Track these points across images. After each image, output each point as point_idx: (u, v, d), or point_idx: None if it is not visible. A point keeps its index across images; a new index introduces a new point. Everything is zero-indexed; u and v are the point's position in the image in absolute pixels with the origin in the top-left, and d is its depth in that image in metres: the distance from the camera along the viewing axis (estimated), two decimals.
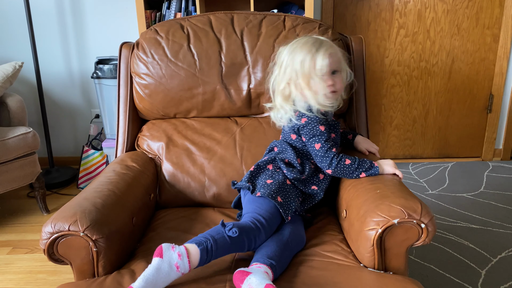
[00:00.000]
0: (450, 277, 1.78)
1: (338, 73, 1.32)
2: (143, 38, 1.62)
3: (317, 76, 1.29)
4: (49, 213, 2.45)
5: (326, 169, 1.33)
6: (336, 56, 1.32)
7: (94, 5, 2.79)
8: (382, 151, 3.07)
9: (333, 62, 1.30)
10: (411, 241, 1.12)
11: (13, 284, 1.84)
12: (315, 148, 1.32)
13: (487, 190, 2.57)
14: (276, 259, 1.11)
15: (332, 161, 1.30)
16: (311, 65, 1.29)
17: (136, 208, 1.33)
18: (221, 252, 1.10)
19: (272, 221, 1.21)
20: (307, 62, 1.29)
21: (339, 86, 1.32)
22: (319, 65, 1.28)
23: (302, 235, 1.27)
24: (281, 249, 1.15)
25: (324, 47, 1.30)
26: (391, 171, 1.31)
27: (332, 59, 1.29)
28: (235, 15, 1.65)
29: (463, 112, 2.99)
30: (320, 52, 1.29)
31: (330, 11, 2.78)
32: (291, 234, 1.22)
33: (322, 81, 1.29)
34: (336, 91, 1.32)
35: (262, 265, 1.08)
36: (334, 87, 1.31)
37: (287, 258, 1.17)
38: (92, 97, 2.96)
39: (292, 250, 1.20)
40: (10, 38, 2.85)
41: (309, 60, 1.29)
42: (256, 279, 1.01)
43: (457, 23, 2.80)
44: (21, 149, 2.23)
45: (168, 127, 1.64)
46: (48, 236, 1.10)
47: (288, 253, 1.18)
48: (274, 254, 1.13)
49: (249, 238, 1.14)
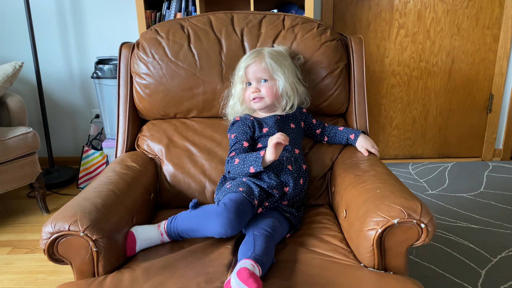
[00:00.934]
0: (450, 277, 1.78)
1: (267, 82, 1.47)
2: (144, 38, 1.62)
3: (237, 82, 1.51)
4: (49, 213, 2.45)
5: (226, 172, 1.42)
6: (259, 66, 1.47)
7: (94, 5, 2.79)
8: (382, 151, 3.07)
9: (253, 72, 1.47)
10: (411, 241, 1.12)
11: (13, 284, 1.85)
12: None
13: (487, 190, 2.57)
14: (260, 253, 1.11)
15: (227, 164, 1.41)
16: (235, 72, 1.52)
17: (136, 208, 1.33)
18: (184, 222, 1.24)
19: (239, 203, 1.21)
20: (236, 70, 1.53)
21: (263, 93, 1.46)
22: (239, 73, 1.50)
23: (282, 228, 1.29)
24: (265, 243, 1.15)
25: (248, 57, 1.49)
26: (270, 158, 1.28)
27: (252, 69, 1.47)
28: (235, 15, 1.65)
29: (463, 112, 2.99)
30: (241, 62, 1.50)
31: (330, 11, 2.78)
32: (272, 227, 1.23)
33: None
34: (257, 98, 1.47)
35: (247, 260, 1.07)
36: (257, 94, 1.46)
37: (271, 249, 1.17)
38: (92, 97, 2.96)
39: (275, 241, 1.22)
40: (10, 38, 2.85)
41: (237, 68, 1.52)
42: (233, 275, 1.02)
43: (457, 23, 2.80)
44: (21, 149, 2.23)
45: (168, 128, 1.64)
46: (48, 236, 1.10)
47: (272, 244, 1.19)
48: (258, 249, 1.12)
49: (210, 214, 1.19)
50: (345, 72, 1.64)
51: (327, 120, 1.65)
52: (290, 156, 1.40)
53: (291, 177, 1.37)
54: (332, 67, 1.59)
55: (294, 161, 1.41)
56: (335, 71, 1.60)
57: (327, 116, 1.67)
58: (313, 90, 1.60)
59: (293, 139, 1.46)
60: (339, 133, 1.56)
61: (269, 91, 1.46)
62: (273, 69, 1.46)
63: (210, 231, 1.19)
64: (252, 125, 1.46)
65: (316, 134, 1.58)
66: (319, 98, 1.61)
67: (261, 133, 1.45)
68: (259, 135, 1.45)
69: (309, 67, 1.59)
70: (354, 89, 1.65)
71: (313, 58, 1.58)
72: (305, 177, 1.44)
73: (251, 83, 1.48)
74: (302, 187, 1.42)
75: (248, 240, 1.17)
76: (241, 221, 1.19)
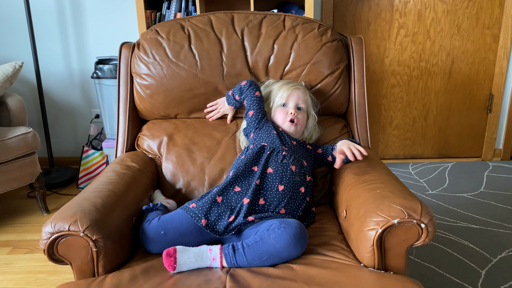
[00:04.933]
0: (450, 277, 1.78)
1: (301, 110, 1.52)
2: (144, 39, 1.62)
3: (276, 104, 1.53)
4: (49, 213, 2.45)
5: None
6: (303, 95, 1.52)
7: (94, 5, 2.79)
8: (382, 151, 3.08)
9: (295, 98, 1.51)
10: (411, 241, 1.12)
11: (13, 284, 1.85)
12: None
13: (487, 190, 2.57)
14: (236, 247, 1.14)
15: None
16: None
17: (136, 208, 1.33)
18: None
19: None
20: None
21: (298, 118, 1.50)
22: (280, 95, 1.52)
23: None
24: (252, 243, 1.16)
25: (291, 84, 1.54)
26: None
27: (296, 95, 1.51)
28: (235, 15, 1.65)
29: (463, 112, 2.99)
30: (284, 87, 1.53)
31: (330, 11, 2.78)
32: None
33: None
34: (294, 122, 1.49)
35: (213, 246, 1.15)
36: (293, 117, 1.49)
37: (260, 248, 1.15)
38: (92, 97, 2.96)
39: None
40: (10, 38, 2.85)
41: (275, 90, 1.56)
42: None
43: (457, 23, 2.80)
44: (21, 149, 2.23)
45: (168, 127, 1.64)
46: (48, 236, 1.10)
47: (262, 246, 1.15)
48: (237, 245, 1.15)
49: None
50: (346, 73, 1.64)
51: (327, 120, 1.65)
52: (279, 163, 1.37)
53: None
54: (332, 68, 1.59)
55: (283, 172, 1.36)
56: (335, 71, 1.60)
57: (327, 116, 1.67)
58: (313, 90, 1.60)
59: (292, 152, 1.41)
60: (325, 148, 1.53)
61: (302, 120, 1.51)
62: (312, 104, 1.55)
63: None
64: (264, 120, 1.51)
65: (328, 161, 1.51)
66: (319, 98, 1.61)
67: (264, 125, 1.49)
68: (260, 126, 1.48)
69: (309, 68, 1.59)
70: (354, 89, 1.65)
71: (314, 59, 1.58)
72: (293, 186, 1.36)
73: (286, 105, 1.51)
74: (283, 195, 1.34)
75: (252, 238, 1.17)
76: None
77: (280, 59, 1.60)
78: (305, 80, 1.60)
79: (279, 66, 1.61)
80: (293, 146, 1.45)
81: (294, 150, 1.43)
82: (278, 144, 1.41)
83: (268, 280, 1.08)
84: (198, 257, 1.14)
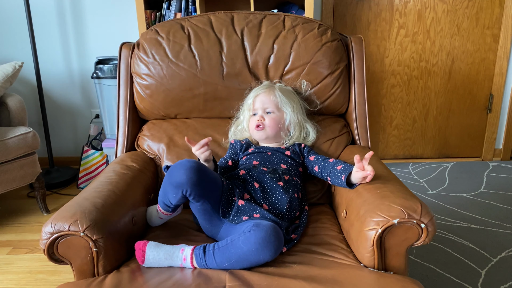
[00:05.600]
0: (450, 277, 1.78)
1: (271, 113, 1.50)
2: (144, 39, 1.62)
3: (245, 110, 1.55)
4: (49, 213, 2.45)
5: None
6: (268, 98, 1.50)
7: (94, 5, 2.79)
8: (382, 151, 3.08)
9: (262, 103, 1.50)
10: (411, 241, 1.12)
11: (13, 284, 1.85)
12: None
13: (487, 190, 2.57)
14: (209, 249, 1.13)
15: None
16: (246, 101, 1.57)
17: (136, 208, 1.33)
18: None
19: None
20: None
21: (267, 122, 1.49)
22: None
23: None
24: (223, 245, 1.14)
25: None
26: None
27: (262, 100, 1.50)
28: (235, 15, 1.65)
29: (463, 112, 2.99)
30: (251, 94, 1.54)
31: (330, 11, 2.78)
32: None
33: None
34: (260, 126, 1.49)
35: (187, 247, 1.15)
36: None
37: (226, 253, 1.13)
38: (92, 97, 2.96)
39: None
40: (10, 38, 2.85)
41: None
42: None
43: (457, 23, 2.80)
44: (21, 149, 2.23)
45: (168, 127, 1.64)
46: (48, 236, 1.10)
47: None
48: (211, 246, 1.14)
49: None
50: (345, 72, 1.64)
51: (327, 119, 1.65)
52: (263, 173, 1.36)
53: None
54: (332, 68, 1.59)
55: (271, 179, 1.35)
56: (335, 71, 1.60)
57: (327, 116, 1.67)
58: (313, 90, 1.60)
59: (277, 162, 1.43)
60: (335, 172, 1.37)
61: (272, 122, 1.49)
62: (282, 102, 1.50)
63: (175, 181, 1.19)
64: (241, 146, 1.52)
65: (315, 171, 1.46)
66: (319, 98, 1.61)
67: (245, 152, 1.50)
68: (244, 154, 1.49)
69: (309, 67, 1.59)
70: (354, 89, 1.65)
71: (313, 59, 1.58)
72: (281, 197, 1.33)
73: (256, 114, 1.51)
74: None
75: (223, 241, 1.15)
76: (201, 176, 1.19)
77: (280, 59, 1.60)
78: (305, 80, 1.60)
79: (279, 66, 1.61)
80: (267, 156, 1.46)
81: (268, 161, 1.44)
82: (252, 166, 1.40)
83: (268, 278, 1.08)
84: (168, 256, 1.14)
